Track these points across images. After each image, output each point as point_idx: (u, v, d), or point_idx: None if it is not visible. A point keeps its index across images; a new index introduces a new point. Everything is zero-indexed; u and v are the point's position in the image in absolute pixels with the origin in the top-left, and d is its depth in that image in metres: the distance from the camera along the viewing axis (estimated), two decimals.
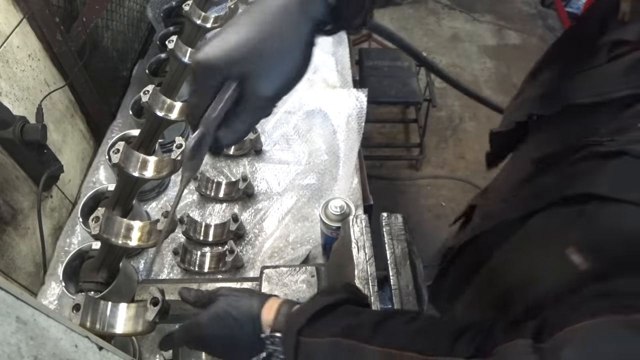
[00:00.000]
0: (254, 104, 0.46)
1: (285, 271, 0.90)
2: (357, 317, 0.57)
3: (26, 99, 1.03)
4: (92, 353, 0.41)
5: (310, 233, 1.10)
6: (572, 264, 0.48)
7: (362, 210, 1.13)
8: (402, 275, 0.76)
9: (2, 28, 0.96)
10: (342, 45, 1.61)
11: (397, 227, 0.82)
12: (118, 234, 0.79)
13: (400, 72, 2.45)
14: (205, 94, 0.45)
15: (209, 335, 0.63)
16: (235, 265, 1.03)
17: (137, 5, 1.62)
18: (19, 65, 1.01)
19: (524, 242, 0.61)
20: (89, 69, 1.25)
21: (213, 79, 0.44)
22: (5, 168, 0.96)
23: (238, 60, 0.44)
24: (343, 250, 0.80)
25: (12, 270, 0.97)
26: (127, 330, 0.70)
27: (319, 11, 0.46)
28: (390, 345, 0.50)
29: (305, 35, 0.47)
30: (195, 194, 1.20)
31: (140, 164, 0.86)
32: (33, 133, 0.96)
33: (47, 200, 1.11)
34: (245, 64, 0.44)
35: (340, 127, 1.33)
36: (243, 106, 0.46)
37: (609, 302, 0.41)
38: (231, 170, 1.26)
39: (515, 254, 0.63)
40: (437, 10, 3.78)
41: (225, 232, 1.09)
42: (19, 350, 0.32)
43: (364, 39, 3.17)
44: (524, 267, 0.59)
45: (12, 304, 0.32)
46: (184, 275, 1.05)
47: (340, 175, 1.22)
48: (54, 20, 1.08)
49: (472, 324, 0.49)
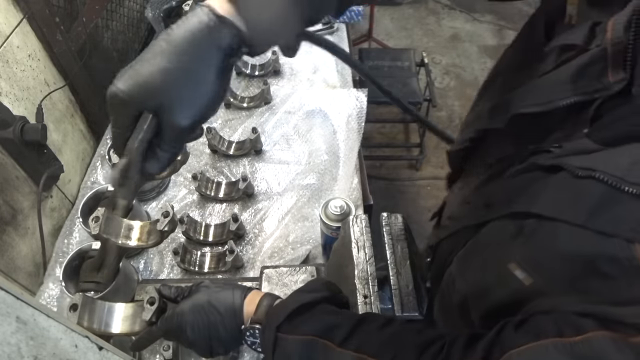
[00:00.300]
0: (173, 134, 0.47)
1: (285, 271, 0.91)
2: (335, 317, 0.59)
3: (26, 99, 1.03)
4: (92, 353, 0.41)
5: (310, 233, 1.10)
6: (517, 278, 0.49)
7: (362, 210, 1.13)
8: (402, 275, 0.76)
9: (2, 28, 0.96)
10: (342, 45, 1.61)
11: (397, 227, 0.83)
12: (118, 234, 0.79)
13: (400, 72, 2.45)
14: (122, 127, 0.45)
15: (188, 325, 0.63)
16: (235, 265, 1.03)
17: (137, 5, 1.62)
18: (19, 65, 1.01)
19: (476, 251, 0.62)
20: (89, 69, 1.25)
21: (127, 111, 0.45)
22: (5, 168, 0.96)
23: (150, 93, 0.44)
24: (343, 250, 0.80)
25: (12, 270, 0.97)
26: (125, 329, 0.70)
27: (228, 40, 0.46)
28: (363, 351, 0.53)
29: (217, 63, 0.46)
30: (195, 194, 1.20)
31: None
32: (33, 133, 0.96)
33: (47, 200, 1.11)
34: (157, 96, 0.44)
35: (340, 127, 1.33)
36: (162, 136, 0.47)
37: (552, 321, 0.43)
38: (231, 170, 1.26)
39: (468, 262, 0.63)
40: (437, 10, 3.78)
41: (225, 232, 1.09)
42: (19, 350, 0.32)
43: (364, 39, 3.17)
44: (475, 276, 0.60)
45: (12, 304, 0.32)
46: (184, 275, 1.05)
47: (340, 175, 1.22)
48: (54, 20, 1.08)
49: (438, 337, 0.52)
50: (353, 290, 0.73)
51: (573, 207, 0.43)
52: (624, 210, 0.39)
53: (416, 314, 0.73)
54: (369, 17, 3.00)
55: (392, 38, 3.52)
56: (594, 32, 0.49)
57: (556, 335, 0.42)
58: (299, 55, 0.59)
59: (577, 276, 0.43)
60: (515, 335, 0.46)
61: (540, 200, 0.48)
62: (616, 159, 0.42)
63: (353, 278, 0.73)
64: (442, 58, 3.34)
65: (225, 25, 0.45)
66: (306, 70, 1.53)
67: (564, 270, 0.44)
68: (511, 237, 0.51)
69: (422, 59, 2.50)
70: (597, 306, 0.41)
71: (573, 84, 0.49)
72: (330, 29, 1.66)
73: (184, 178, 1.23)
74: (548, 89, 0.52)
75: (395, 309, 0.74)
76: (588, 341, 0.39)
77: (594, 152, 0.46)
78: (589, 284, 0.42)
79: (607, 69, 0.46)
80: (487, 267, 0.56)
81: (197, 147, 1.31)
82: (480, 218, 0.60)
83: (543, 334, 0.43)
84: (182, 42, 0.44)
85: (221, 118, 1.40)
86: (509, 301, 0.52)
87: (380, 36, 3.33)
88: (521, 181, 0.54)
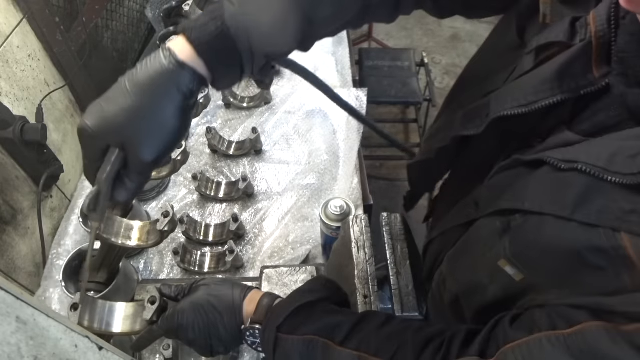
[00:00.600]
0: (138, 167, 0.50)
1: (285, 271, 0.91)
2: (335, 316, 0.59)
3: (26, 99, 1.03)
4: (92, 353, 0.41)
5: (310, 233, 1.10)
6: (507, 275, 0.49)
7: (362, 210, 1.13)
8: (402, 275, 0.76)
9: (2, 28, 0.96)
10: (342, 45, 1.61)
11: (397, 227, 0.82)
12: (118, 234, 0.79)
13: (400, 72, 2.45)
14: (92, 158, 0.49)
15: (188, 324, 0.64)
16: (235, 265, 1.03)
17: (137, 5, 1.62)
18: (19, 65, 1.01)
19: (465, 250, 0.62)
20: (89, 69, 1.25)
21: (95, 145, 0.48)
22: (5, 168, 0.96)
23: (115, 129, 0.47)
24: (343, 250, 0.80)
25: (12, 270, 0.97)
26: (125, 329, 0.70)
27: (187, 83, 0.49)
28: (363, 349, 0.54)
29: (177, 104, 0.49)
30: (195, 194, 1.20)
31: None
32: (33, 133, 0.96)
33: (47, 200, 1.11)
34: (121, 132, 0.47)
35: (340, 127, 1.33)
36: (129, 169, 0.50)
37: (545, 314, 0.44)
38: (231, 170, 1.26)
39: (459, 261, 0.64)
40: None
41: (225, 232, 1.09)
42: (19, 350, 0.32)
43: (364, 39, 3.18)
44: (466, 275, 0.60)
45: (12, 304, 0.32)
46: (183, 275, 1.05)
47: (340, 175, 1.22)
48: (54, 20, 1.08)
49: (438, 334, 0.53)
50: (353, 290, 0.73)
51: (558, 200, 0.44)
52: (608, 200, 0.40)
53: (416, 314, 0.73)
54: None
55: (392, 38, 3.52)
56: (574, 28, 0.49)
57: (549, 328, 0.42)
58: (299, 56, 0.59)
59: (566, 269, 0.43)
60: (510, 330, 0.46)
61: (525, 195, 0.48)
62: (598, 149, 0.43)
63: (353, 278, 0.73)
64: (442, 58, 3.34)
65: (185, 69, 0.48)
66: None
67: (552, 264, 0.45)
68: (499, 234, 0.51)
69: (422, 59, 2.50)
70: (588, 298, 0.41)
71: (558, 81, 0.49)
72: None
73: (184, 178, 1.23)
74: (531, 89, 0.51)
75: (395, 309, 0.73)
76: (581, 333, 0.39)
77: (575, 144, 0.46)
78: (578, 276, 0.42)
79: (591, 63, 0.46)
80: (477, 265, 0.57)
81: (197, 147, 1.31)
82: (468, 217, 0.61)
83: (537, 327, 0.43)
84: (144, 83, 0.48)
85: (221, 118, 1.40)
86: (501, 298, 0.53)
87: (380, 36, 3.33)
88: (506, 178, 0.54)
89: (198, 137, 1.34)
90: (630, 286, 0.38)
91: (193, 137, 1.34)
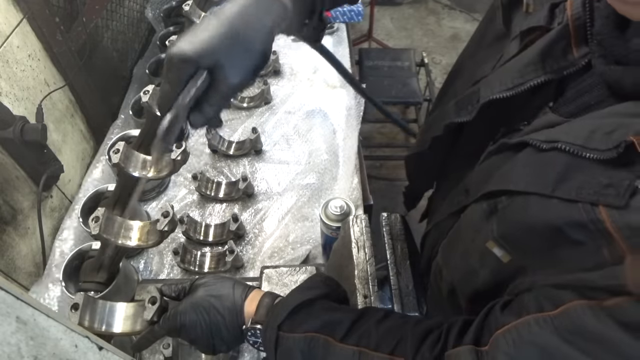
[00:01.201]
0: (222, 90, 0.51)
1: (285, 271, 0.91)
2: (335, 313, 0.60)
3: (26, 99, 1.03)
4: (92, 353, 0.41)
5: (310, 233, 1.10)
6: (496, 257, 0.51)
7: (362, 210, 1.13)
8: (402, 275, 0.76)
9: (2, 28, 0.96)
10: (342, 45, 1.61)
11: (397, 227, 0.83)
12: (118, 234, 0.79)
13: (400, 72, 2.45)
14: (178, 83, 0.50)
15: (190, 323, 0.64)
16: (235, 265, 1.03)
17: (137, 5, 1.62)
18: (19, 65, 1.01)
19: (457, 238, 0.63)
20: (89, 69, 1.25)
21: (187, 69, 0.49)
22: (5, 168, 0.96)
23: (209, 52, 0.49)
24: (343, 250, 0.80)
25: (12, 270, 0.97)
26: (126, 329, 0.70)
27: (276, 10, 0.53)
28: (363, 345, 0.55)
29: (267, 29, 0.53)
30: (195, 194, 1.20)
31: (141, 164, 0.86)
32: (33, 133, 0.96)
33: (47, 200, 1.11)
34: (215, 55, 0.49)
35: (340, 127, 1.33)
36: (212, 92, 0.51)
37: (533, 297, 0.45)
38: (231, 170, 1.26)
39: (452, 249, 0.65)
40: (437, 10, 3.78)
41: (225, 232, 1.09)
42: (19, 350, 0.32)
43: (364, 39, 3.18)
44: (459, 262, 0.61)
45: (12, 304, 0.32)
46: (183, 275, 1.05)
47: (340, 175, 1.22)
48: (54, 20, 1.08)
49: (436, 326, 0.54)
50: (353, 290, 0.73)
51: (540, 179, 0.45)
52: (587, 176, 0.40)
53: (416, 314, 0.73)
54: (369, 17, 3.00)
55: (392, 38, 3.52)
56: (553, 13, 0.52)
57: (537, 310, 0.43)
58: (299, 56, 0.60)
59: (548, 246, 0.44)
60: (501, 315, 0.47)
61: (510, 177, 0.50)
62: (577, 128, 0.44)
63: (353, 278, 0.73)
64: (442, 58, 3.34)
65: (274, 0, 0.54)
66: (306, 70, 1.52)
67: (537, 243, 0.46)
68: (487, 217, 0.53)
69: (422, 59, 2.50)
70: (571, 275, 0.42)
71: (541, 63, 0.51)
72: (330, 29, 1.66)
73: (184, 178, 1.23)
74: (516, 72, 0.54)
75: (395, 309, 0.74)
76: (566, 313, 0.40)
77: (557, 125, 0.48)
78: (561, 253, 0.43)
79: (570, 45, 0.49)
80: (468, 251, 0.58)
81: (197, 147, 1.31)
82: (459, 204, 0.62)
83: (525, 311, 0.44)
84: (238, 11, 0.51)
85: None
86: (491, 282, 0.54)
87: (380, 36, 3.33)
88: (493, 162, 0.56)
89: (198, 137, 1.34)
90: (610, 260, 0.38)
91: (193, 137, 1.34)
